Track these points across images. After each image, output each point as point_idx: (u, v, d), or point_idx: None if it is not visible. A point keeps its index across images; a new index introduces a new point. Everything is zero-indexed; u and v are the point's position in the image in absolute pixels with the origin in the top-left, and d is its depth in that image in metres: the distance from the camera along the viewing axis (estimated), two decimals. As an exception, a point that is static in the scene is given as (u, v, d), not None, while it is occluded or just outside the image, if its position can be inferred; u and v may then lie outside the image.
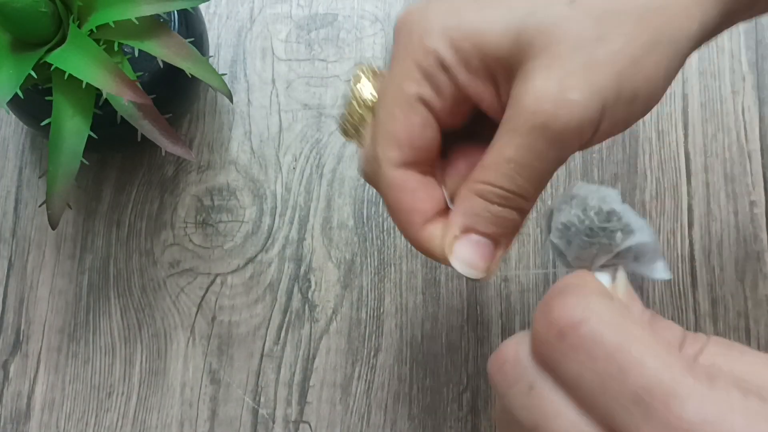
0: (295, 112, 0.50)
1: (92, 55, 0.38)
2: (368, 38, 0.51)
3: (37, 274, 0.47)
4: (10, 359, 0.46)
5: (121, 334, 0.46)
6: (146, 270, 0.47)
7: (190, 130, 0.50)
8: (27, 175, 0.49)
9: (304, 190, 0.48)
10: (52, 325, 0.47)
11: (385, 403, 0.45)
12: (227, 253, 0.48)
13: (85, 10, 0.40)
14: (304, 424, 0.45)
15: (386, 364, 0.46)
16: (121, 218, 0.48)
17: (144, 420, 0.45)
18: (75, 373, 0.46)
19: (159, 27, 0.40)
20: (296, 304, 0.47)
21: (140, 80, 0.41)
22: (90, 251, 0.48)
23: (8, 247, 0.48)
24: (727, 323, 0.46)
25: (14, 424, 0.45)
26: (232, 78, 0.50)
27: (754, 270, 0.47)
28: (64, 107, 0.39)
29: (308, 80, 0.50)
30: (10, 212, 0.48)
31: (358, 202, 0.48)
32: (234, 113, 0.50)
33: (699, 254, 0.47)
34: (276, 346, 0.46)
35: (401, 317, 0.46)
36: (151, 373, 0.46)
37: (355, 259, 0.47)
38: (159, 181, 0.49)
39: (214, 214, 0.48)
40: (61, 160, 0.39)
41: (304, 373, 0.46)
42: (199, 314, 0.47)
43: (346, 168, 0.49)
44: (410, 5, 0.31)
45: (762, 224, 0.47)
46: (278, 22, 0.51)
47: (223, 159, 0.49)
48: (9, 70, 0.38)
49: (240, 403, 0.45)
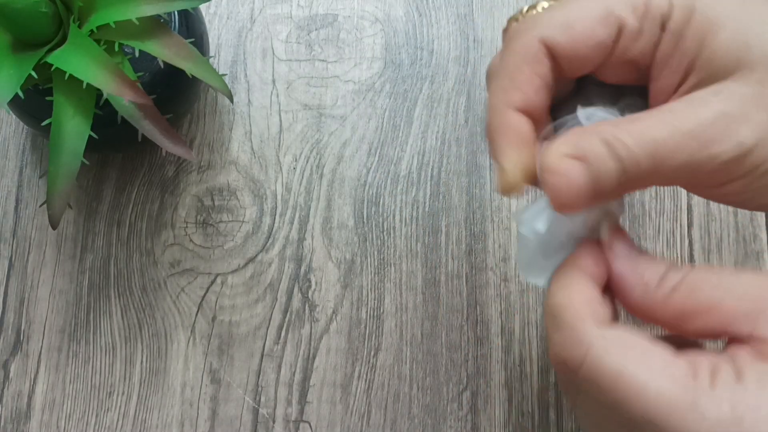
0: (295, 113, 0.50)
1: (93, 55, 0.38)
2: (368, 39, 0.51)
3: (37, 274, 0.48)
4: (10, 359, 0.46)
5: (121, 334, 0.47)
6: (147, 270, 0.47)
7: (191, 130, 0.50)
8: (28, 175, 0.49)
9: (304, 190, 0.48)
10: (52, 325, 0.47)
11: (385, 403, 0.45)
12: (227, 253, 0.48)
13: (85, 11, 0.40)
14: (305, 424, 0.45)
15: (386, 363, 0.46)
16: (122, 218, 0.48)
17: (144, 419, 0.45)
18: (75, 373, 0.46)
19: (159, 27, 0.40)
20: (296, 303, 0.47)
21: (141, 80, 0.41)
22: (90, 251, 0.48)
23: (9, 247, 0.48)
24: (727, 323, 0.46)
25: (14, 424, 0.45)
26: (232, 78, 0.50)
27: (753, 270, 0.47)
28: (65, 107, 0.39)
29: (308, 81, 0.50)
30: (11, 212, 0.48)
31: (358, 202, 0.48)
32: (234, 113, 0.50)
33: (699, 254, 0.47)
34: (276, 345, 0.46)
35: (401, 317, 0.46)
36: (152, 372, 0.46)
37: (355, 259, 0.47)
38: (159, 181, 0.49)
39: (214, 214, 0.48)
40: (61, 160, 0.39)
41: (304, 373, 0.46)
42: (199, 314, 0.47)
43: (346, 168, 0.49)
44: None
45: (761, 224, 0.47)
46: (278, 22, 0.51)
47: (224, 159, 0.49)
48: (10, 71, 0.38)
49: (240, 403, 0.45)
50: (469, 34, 0.51)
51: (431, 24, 0.51)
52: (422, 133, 0.49)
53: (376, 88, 0.50)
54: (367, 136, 0.49)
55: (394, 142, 0.49)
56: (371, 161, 0.49)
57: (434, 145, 0.49)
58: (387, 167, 0.49)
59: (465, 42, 0.51)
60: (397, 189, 0.48)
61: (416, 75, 0.50)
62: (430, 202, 0.48)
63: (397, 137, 0.49)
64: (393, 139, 0.49)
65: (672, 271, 0.27)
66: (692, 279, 0.26)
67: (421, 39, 0.51)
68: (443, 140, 0.49)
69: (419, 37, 0.51)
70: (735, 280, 0.26)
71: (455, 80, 0.50)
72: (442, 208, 0.48)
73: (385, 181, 0.48)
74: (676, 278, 0.27)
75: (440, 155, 0.49)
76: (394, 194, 0.48)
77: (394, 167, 0.49)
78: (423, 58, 0.51)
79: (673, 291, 0.27)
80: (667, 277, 0.27)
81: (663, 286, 0.27)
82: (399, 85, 0.50)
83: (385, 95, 0.50)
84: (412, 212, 0.48)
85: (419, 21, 0.51)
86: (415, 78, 0.50)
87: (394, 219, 0.48)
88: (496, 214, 0.48)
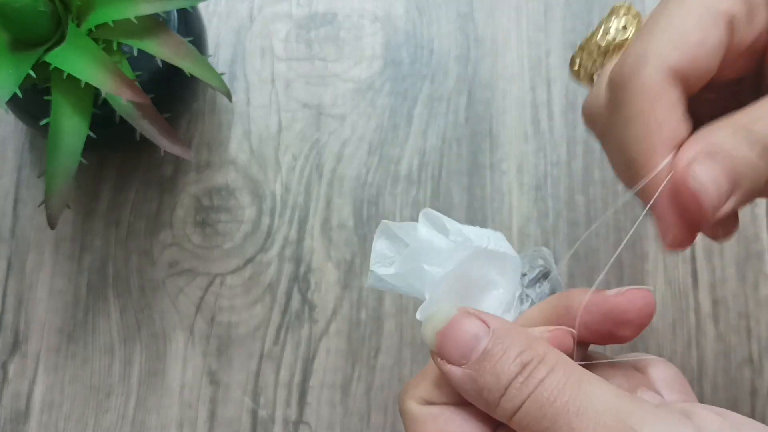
0: (294, 112, 0.50)
1: (91, 54, 0.38)
2: (368, 37, 0.51)
3: (36, 275, 0.47)
4: (9, 360, 0.46)
5: (120, 335, 0.46)
6: (145, 270, 0.47)
7: (189, 129, 0.49)
8: (26, 174, 0.49)
9: (303, 190, 0.48)
10: (51, 326, 0.47)
11: (385, 404, 0.45)
12: (226, 254, 0.47)
13: (84, 10, 0.40)
14: (304, 425, 0.45)
15: (386, 365, 0.46)
16: (120, 218, 0.48)
17: (143, 421, 0.45)
18: (74, 374, 0.46)
19: (158, 26, 0.40)
20: (295, 304, 0.47)
21: (139, 79, 0.41)
22: (89, 251, 0.48)
23: (7, 247, 0.48)
24: (728, 323, 0.46)
25: (13, 425, 0.45)
26: (231, 77, 0.50)
27: (755, 270, 0.46)
28: (63, 107, 0.39)
29: (308, 79, 0.50)
30: (9, 212, 0.48)
31: (358, 202, 0.48)
32: (233, 113, 0.50)
33: (700, 254, 0.47)
34: (275, 346, 0.46)
35: (401, 318, 0.46)
36: (150, 373, 0.46)
37: (354, 260, 0.47)
38: (158, 181, 0.49)
39: (213, 214, 0.48)
40: (59, 160, 0.39)
41: (303, 374, 0.46)
42: (198, 315, 0.46)
43: (346, 167, 0.49)
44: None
45: (763, 224, 0.47)
46: (278, 21, 0.51)
47: (222, 159, 0.49)
48: (8, 70, 0.38)
49: (239, 404, 0.45)
50: (469, 33, 0.51)
51: (431, 22, 0.51)
52: (422, 132, 0.49)
53: (376, 87, 0.50)
54: (367, 135, 0.49)
55: (394, 142, 0.49)
56: (371, 161, 0.49)
57: (434, 145, 0.49)
58: (387, 167, 0.48)
59: (465, 41, 0.51)
60: (397, 189, 0.48)
61: (416, 74, 0.50)
62: (431, 202, 0.48)
63: (397, 137, 0.49)
64: (393, 139, 0.49)
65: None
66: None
67: (421, 37, 0.51)
68: (444, 139, 0.49)
69: (419, 35, 0.51)
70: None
71: (456, 79, 0.50)
72: (443, 207, 0.48)
73: (385, 181, 0.48)
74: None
75: (440, 155, 0.49)
76: (394, 194, 0.48)
77: (394, 167, 0.48)
78: (423, 57, 0.50)
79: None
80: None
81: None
82: (399, 84, 0.50)
83: (385, 94, 0.50)
84: (412, 212, 0.48)
85: (419, 19, 0.51)
86: (416, 77, 0.50)
87: (394, 219, 0.48)
88: (497, 215, 0.47)
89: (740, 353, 0.45)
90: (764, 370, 0.45)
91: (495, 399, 0.24)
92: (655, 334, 0.46)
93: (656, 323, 0.46)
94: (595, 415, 0.22)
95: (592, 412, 0.22)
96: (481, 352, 0.24)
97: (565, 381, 0.23)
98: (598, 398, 0.22)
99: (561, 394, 0.23)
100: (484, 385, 0.24)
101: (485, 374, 0.24)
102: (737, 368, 0.45)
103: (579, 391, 0.23)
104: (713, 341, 0.46)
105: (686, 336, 0.46)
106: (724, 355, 0.45)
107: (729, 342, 0.46)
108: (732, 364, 0.45)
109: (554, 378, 0.23)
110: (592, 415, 0.22)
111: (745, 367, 0.45)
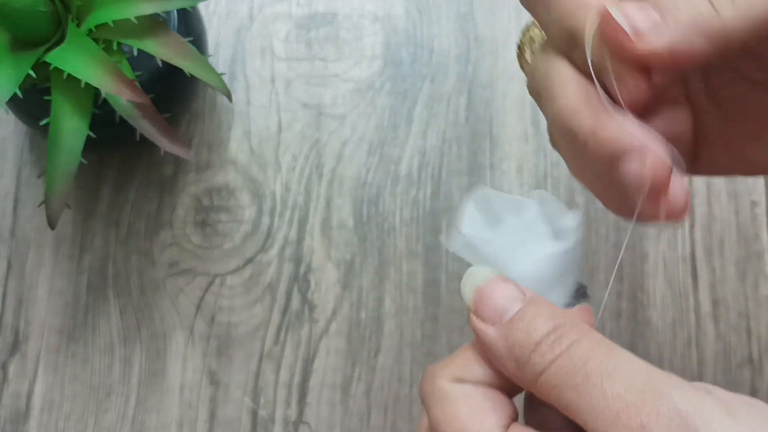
0: (294, 112, 0.50)
1: (91, 54, 0.38)
2: (368, 37, 0.51)
3: (35, 275, 0.47)
4: (9, 360, 0.46)
5: (120, 335, 0.46)
6: (145, 270, 0.47)
7: (189, 129, 0.49)
8: (26, 174, 0.49)
9: (303, 190, 0.48)
10: (51, 326, 0.47)
11: (385, 404, 0.45)
12: (226, 254, 0.47)
13: (84, 10, 0.40)
14: (304, 425, 0.45)
15: (386, 365, 0.46)
16: (120, 218, 0.48)
17: (143, 421, 0.45)
18: (74, 374, 0.46)
19: (158, 26, 0.40)
20: (295, 304, 0.47)
21: (139, 79, 0.41)
22: (89, 251, 0.48)
23: (7, 247, 0.48)
24: (728, 323, 0.46)
25: (13, 425, 0.45)
26: (231, 77, 0.50)
27: (755, 270, 0.46)
28: (63, 107, 0.39)
29: (308, 79, 0.50)
30: (9, 212, 0.48)
31: (358, 202, 0.48)
32: (233, 113, 0.50)
33: (700, 254, 0.47)
34: (275, 346, 0.46)
35: (401, 318, 0.46)
36: (150, 373, 0.46)
37: (354, 260, 0.47)
38: (158, 181, 0.49)
39: (213, 214, 0.48)
40: (59, 160, 0.39)
41: (303, 374, 0.46)
42: (198, 315, 0.46)
43: (346, 167, 0.49)
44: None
45: (763, 224, 0.47)
46: (278, 21, 0.51)
47: (222, 159, 0.49)
48: (8, 70, 0.38)
49: (239, 404, 0.45)
50: (469, 33, 0.51)
51: (431, 22, 0.51)
52: (422, 132, 0.49)
53: (376, 87, 0.50)
54: (367, 135, 0.49)
55: (394, 142, 0.49)
56: (371, 161, 0.49)
57: (435, 145, 0.49)
58: (387, 167, 0.48)
59: (465, 40, 0.51)
60: (398, 189, 0.48)
61: (416, 74, 0.50)
62: (431, 202, 0.48)
63: (397, 137, 0.49)
64: (393, 139, 0.49)
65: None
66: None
67: (421, 37, 0.51)
68: (444, 139, 0.49)
69: (419, 35, 0.51)
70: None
71: (456, 79, 0.50)
72: (443, 207, 0.48)
73: (385, 181, 0.48)
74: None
75: (441, 155, 0.49)
76: (394, 194, 0.48)
77: (394, 167, 0.48)
78: (423, 57, 0.50)
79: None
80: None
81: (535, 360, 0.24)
82: (399, 84, 0.50)
83: (385, 94, 0.50)
84: (412, 212, 0.48)
85: (419, 19, 0.51)
86: (416, 77, 0.50)
87: (394, 219, 0.48)
88: (497, 214, 0.47)
89: (740, 353, 0.45)
90: (764, 370, 0.45)
91: (525, 355, 0.24)
92: (655, 334, 0.46)
93: (656, 323, 0.46)
94: (626, 378, 0.22)
95: (623, 375, 0.22)
96: (515, 312, 0.25)
97: (597, 345, 0.23)
98: (629, 364, 0.23)
99: (594, 356, 0.23)
100: (515, 342, 0.24)
101: (517, 332, 0.24)
102: (737, 368, 0.45)
103: (611, 356, 0.23)
104: (713, 341, 0.46)
105: (686, 336, 0.46)
106: (724, 355, 0.45)
107: (729, 342, 0.46)
108: (732, 364, 0.45)
109: (587, 341, 0.23)
110: (623, 378, 0.22)
111: (745, 367, 0.45)
